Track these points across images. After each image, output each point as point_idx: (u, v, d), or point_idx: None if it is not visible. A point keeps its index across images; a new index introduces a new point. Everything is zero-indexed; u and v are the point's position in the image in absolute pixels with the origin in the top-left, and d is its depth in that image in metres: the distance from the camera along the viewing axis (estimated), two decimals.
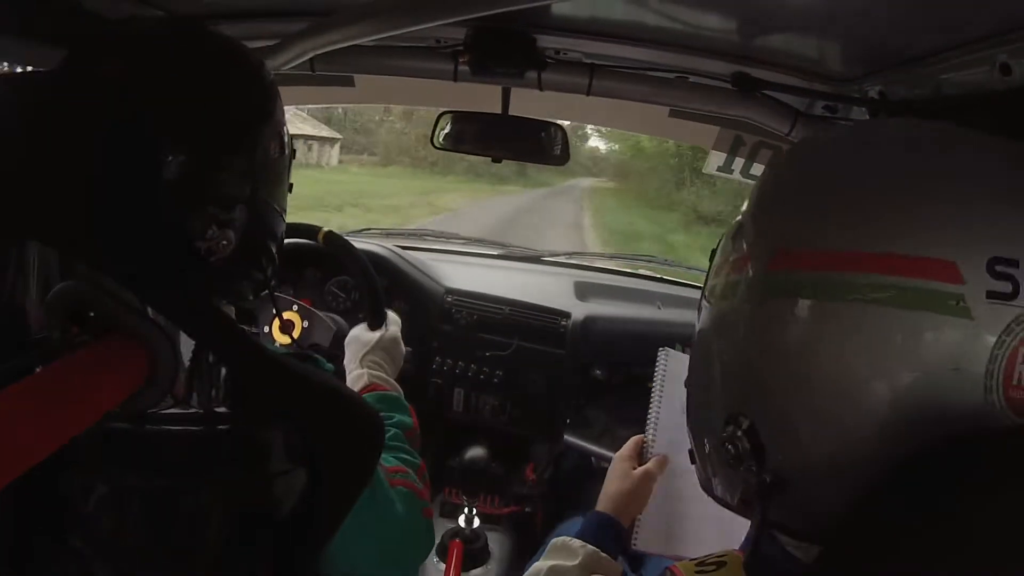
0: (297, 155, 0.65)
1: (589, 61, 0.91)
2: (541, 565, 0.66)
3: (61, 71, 0.50)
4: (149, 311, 0.46)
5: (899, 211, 0.34)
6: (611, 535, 0.72)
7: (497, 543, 1.29)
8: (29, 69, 0.70)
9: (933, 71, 0.63)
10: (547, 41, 0.86)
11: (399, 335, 0.94)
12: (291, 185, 0.64)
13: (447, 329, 1.39)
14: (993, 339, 0.32)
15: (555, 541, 0.70)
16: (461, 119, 1.12)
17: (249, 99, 0.56)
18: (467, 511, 1.28)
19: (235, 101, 0.55)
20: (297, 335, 1.13)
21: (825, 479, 0.36)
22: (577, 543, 0.68)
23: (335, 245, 0.99)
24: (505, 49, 0.86)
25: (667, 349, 0.87)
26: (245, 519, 0.50)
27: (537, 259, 1.76)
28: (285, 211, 0.63)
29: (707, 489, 0.47)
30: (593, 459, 1.44)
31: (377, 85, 1.16)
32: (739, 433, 0.38)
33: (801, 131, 0.89)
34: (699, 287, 1.81)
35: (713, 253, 0.47)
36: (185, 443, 0.48)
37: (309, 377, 0.52)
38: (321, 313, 1.18)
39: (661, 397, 0.84)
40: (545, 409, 1.37)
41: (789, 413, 0.36)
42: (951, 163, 0.36)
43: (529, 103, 1.11)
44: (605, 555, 0.67)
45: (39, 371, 0.41)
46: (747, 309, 0.39)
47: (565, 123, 1.13)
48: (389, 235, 1.76)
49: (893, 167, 0.37)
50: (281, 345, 1.16)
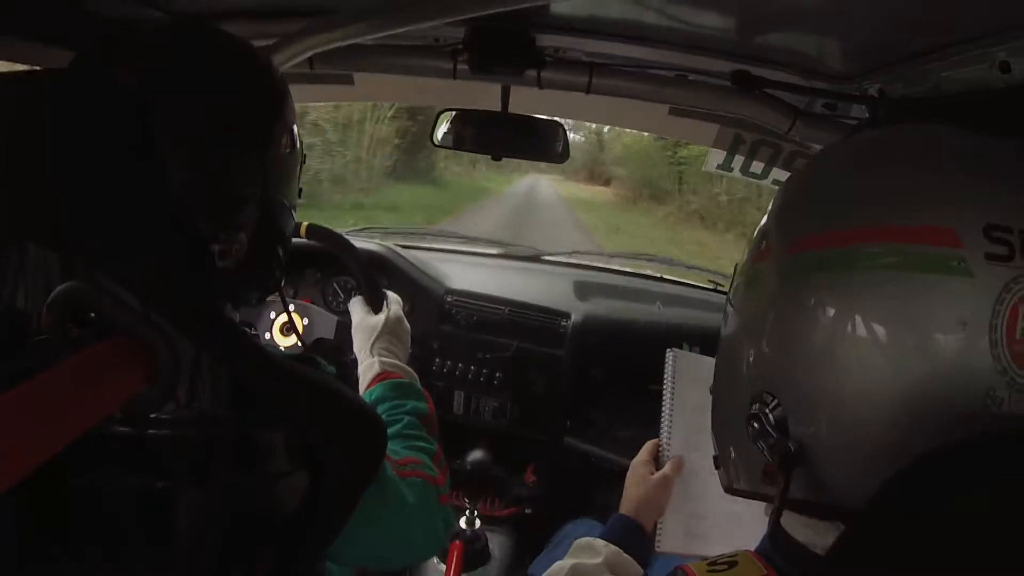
0: None
1: (588, 59, 0.91)
2: (564, 563, 0.66)
3: (70, 72, 0.50)
4: (151, 313, 0.46)
5: (902, 192, 0.38)
6: (635, 537, 0.73)
7: (497, 544, 1.29)
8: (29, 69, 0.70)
9: (932, 69, 0.63)
10: (546, 40, 0.86)
11: (402, 313, 0.92)
12: (300, 189, 0.64)
13: (447, 329, 1.39)
14: (994, 296, 0.34)
15: (579, 541, 0.70)
16: (461, 117, 1.12)
17: (258, 97, 0.56)
18: (468, 512, 1.28)
19: (244, 100, 0.55)
20: (301, 332, 1.13)
21: (848, 448, 0.38)
22: (600, 543, 0.69)
23: (319, 236, 0.98)
24: (504, 48, 0.86)
25: (674, 350, 0.86)
26: (246, 521, 0.50)
27: (537, 259, 1.76)
28: (295, 209, 0.63)
29: (729, 487, 0.48)
30: (593, 460, 1.44)
31: (376, 83, 1.16)
32: (765, 411, 0.40)
33: (800, 129, 0.89)
34: (699, 287, 1.80)
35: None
36: (187, 445, 0.48)
37: (309, 379, 0.52)
38: (318, 307, 1.18)
39: (673, 398, 0.84)
40: (545, 410, 1.36)
41: (811, 384, 0.38)
42: (948, 152, 0.40)
43: (529, 101, 1.10)
44: (627, 556, 0.67)
45: (40, 373, 0.41)
46: (769, 293, 0.41)
47: (565, 121, 1.13)
48: (389, 234, 1.76)
49: (897, 161, 0.40)
50: (285, 347, 1.16)
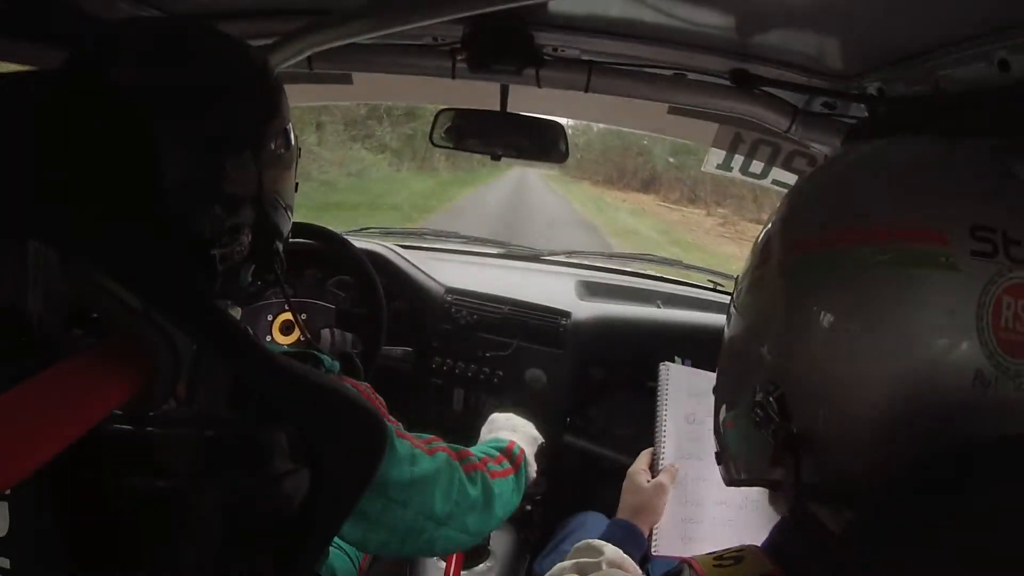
0: None
1: (587, 58, 0.91)
2: (565, 564, 0.67)
3: (66, 71, 0.50)
4: (151, 313, 0.46)
5: (895, 198, 0.40)
6: (632, 540, 0.78)
7: (498, 541, 1.29)
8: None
9: (931, 67, 0.63)
10: (545, 38, 0.86)
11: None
12: (297, 184, 0.64)
13: (447, 329, 1.39)
14: (979, 288, 0.36)
15: (579, 544, 0.72)
16: (459, 116, 1.12)
17: (254, 97, 0.56)
18: None
19: (240, 99, 0.55)
20: (303, 326, 1.13)
21: (850, 431, 0.39)
22: (600, 542, 0.70)
23: (318, 236, 0.98)
24: (503, 46, 0.86)
25: (667, 364, 0.91)
26: (248, 520, 0.50)
27: (537, 258, 1.76)
28: (292, 209, 0.63)
29: (731, 480, 0.50)
30: (593, 458, 1.45)
31: (375, 83, 1.16)
32: (769, 399, 0.42)
33: (800, 128, 0.89)
34: (699, 286, 1.80)
35: None
36: (187, 444, 0.48)
37: (310, 378, 0.52)
38: (315, 301, 1.17)
39: (666, 409, 0.88)
40: (545, 409, 1.36)
41: (813, 371, 0.40)
42: (937, 161, 0.42)
43: (528, 100, 1.10)
44: (628, 557, 0.69)
45: (42, 373, 0.41)
46: (773, 293, 0.43)
47: (563, 120, 1.12)
48: (388, 234, 1.76)
49: (891, 170, 0.43)
50: (285, 345, 1.16)
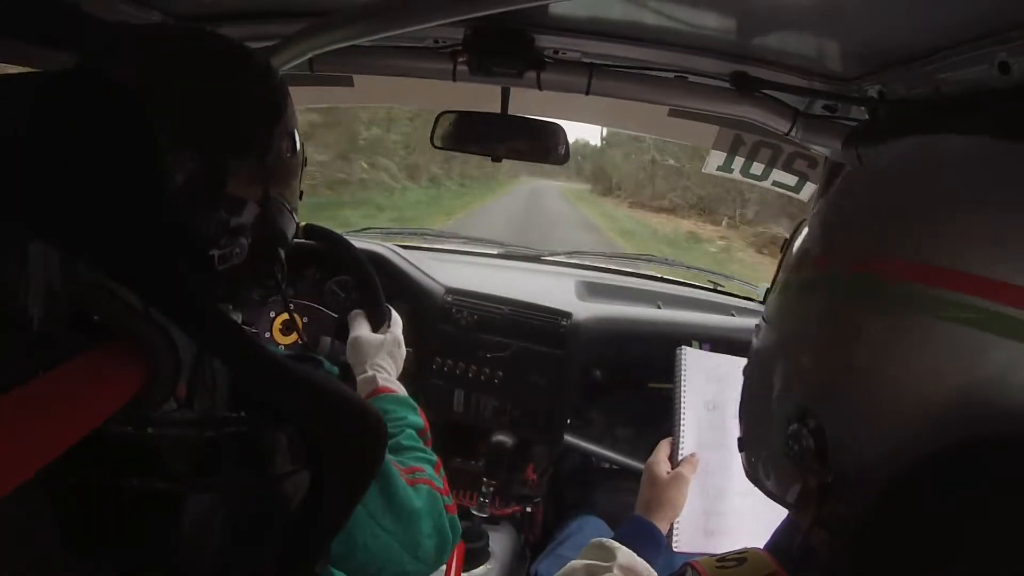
0: None
1: (588, 60, 0.91)
2: (577, 563, 0.66)
3: (70, 74, 0.50)
4: (152, 313, 0.46)
5: (997, 236, 0.34)
6: (648, 540, 0.73)
7: (498, 543, 1.29)
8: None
9: (932, 70, 0.63)
10: (546, 41, 0.86)
11: (401, 336, 0.94)
12: (302, 192, 0.65)
13: (447, 329, 1.39)
14: None
15: (593, 541, 0.70)
16: (460, 119, 1.12)
17: (259, 100, 0.56)
18: (483, 499, 1.28)
19: (245, 103, 0.55)
20: (301, 330, 1.13)
21: (881, 485, 0.36)
22: (615, 544, 0.68)
23: (318, 236, 0.98)
24: (504, 49, 0.86)
25: (684, 348, 0.86)
26: (249, 522, 0.50)
27: (537, 259, 1.76)
28: (296, 212, 0.64)
29: (753, 478, 0.47)
30: (593, 459, 1.45)
31: (376, 85, 1.16)
32: (805, 431, 0.39)
33: (800, 130, 0.89)
34: (699, 287, 1.80)
35: (785, 243, 0.47)
36: (188, 446, 0.48)
37: (311, 379, 0.52)
38: (318, 307, 1.17)
39: (685, 396, 0.84)
40: (545, 409, 1.37)
41: (860, 418, 0.36)
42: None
43: (528, 103, 1.10)
44: (642, 560, 0.67)
45: (42, 376, 0.41)
46: (827, 306, 0.39)
47: (564, 122, 1.13)
48: (389, 235, 1.76)
49: (987, 189, 0.36)
50: (284, 347, 1.16)
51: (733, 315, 1.47)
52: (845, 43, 0.73)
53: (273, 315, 1.20)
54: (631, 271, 1.78)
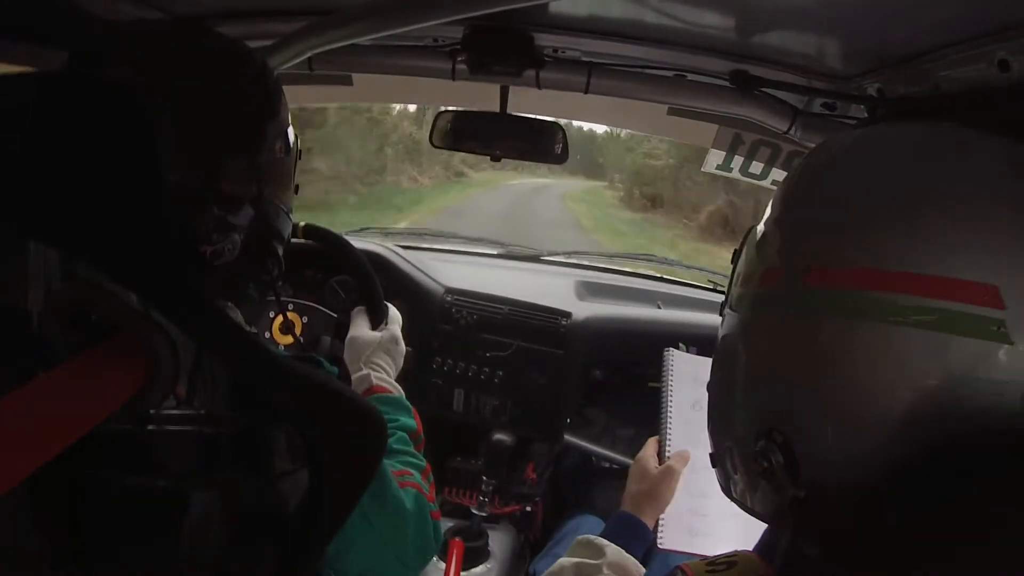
0: None
1: (587, 59, 0.91)
2: (566, 561, 0.66)
3: (66, 72, 0.50)
4: (151, 312, 0.46)
5: (940, 232, 0.33)
6: (635, 535, 0.73)
7: (497, 542, 1.29)
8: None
9: (931, 68, 0.63)
10: (545, 39, 0.86)
11: (399, 334, 0.93)
12: (297, 187, 0.65)
13: (447, 329, 1.39)
14: None
15: (580, 538, 0.70)
16: (459, 118, 1.12)
17: (253, 99, 0.56)
18: (483, 498, 1.28)
19: (239, 101, 0.55)
20: (299, 332, 1.13)
21: (856, 492, 0.36)
22: (603, 541, 0.68)
23: (317, 236, 0.97)
24: (503, 47, 0.86)
25: (671, 350, 0.90)
26: (248, 520, 0.50)
27: (537, 258, 1.76)
28: (291, 211, 0.64)
29: (727, 491, 0.47)
30: (593, 459, 1.45)
31: (375, 84, 1.16)
32: (774, 447, 0.38)
33: (800, 129, 0.89)
34: (699, 286, 1.81)
35: (735, 255, 0.46)
36: (187, 444, 0.48)
37: (311, 378, 0.52)
38: (317, 307, 1.17)
39: (671, 396, 0.87)
40: (545, 409, 1.37)
41: (826, 431, 0.36)
42: (985, 179, 0.36)
43: (528, 101, 1.10)
44: (629, 556, 0.67)
45: (41, 376, 0.41)
46: (781, 322, 0.38)
47: (563, 121, 1.13)
48: (389, 235, 1.76)
49: (929, 181, 0.36)
50: (283, 346, 1.16)
51: None
52: (844, 41, 0.73)
53: (272, 315, 1.20)
54: (631, 271, 1.78)
